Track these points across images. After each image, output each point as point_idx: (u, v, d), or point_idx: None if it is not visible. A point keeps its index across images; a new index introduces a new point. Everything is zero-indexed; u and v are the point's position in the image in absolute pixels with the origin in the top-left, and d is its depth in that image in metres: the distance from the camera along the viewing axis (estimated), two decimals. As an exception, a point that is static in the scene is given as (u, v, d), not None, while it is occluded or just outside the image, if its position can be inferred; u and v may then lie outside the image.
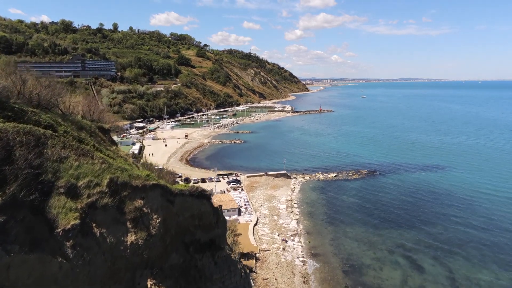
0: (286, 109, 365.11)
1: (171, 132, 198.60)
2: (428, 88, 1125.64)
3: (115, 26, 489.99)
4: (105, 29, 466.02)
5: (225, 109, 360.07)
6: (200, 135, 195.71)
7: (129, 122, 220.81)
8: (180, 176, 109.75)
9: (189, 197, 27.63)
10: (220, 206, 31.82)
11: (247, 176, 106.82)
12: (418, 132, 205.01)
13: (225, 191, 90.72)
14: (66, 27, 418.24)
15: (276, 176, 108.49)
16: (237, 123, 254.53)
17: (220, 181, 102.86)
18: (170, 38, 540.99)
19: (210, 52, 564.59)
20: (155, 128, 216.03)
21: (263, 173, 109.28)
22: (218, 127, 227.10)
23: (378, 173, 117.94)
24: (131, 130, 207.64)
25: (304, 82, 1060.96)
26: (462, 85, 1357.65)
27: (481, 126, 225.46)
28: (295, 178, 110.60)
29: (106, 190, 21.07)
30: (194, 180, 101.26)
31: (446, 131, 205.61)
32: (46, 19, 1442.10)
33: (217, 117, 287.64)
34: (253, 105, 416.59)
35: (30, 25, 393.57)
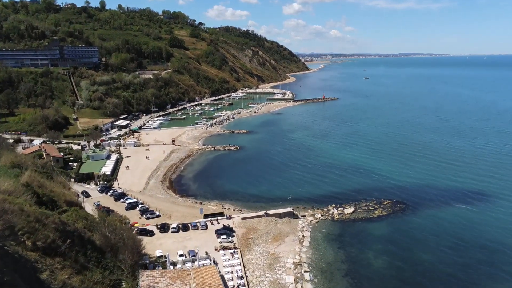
0: (286, 96, 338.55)
1: (156, 135, 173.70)
2: (431, 65, 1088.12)
3: (102, 4, 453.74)
4: (91, 7, 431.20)
5: (221, 96, 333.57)
6: (190, 138, 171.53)
7: (111, 120, 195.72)
8: (158, 216, 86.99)
9: None
10: None
11: (242, 219, 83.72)
12: (433, 132, 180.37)
13: (212, 259, 66.74)
14: (48, 6, 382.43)
15: (279, 215, 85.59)
16: (232, 118, 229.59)
17: (207, 228, 79.60)
18: (162, 17, 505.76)
19: (205, 32, 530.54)
20: (140, 128, 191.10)
21: (263, 212, 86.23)
22: (211, 125, 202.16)
23: (404, 206, 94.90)
24: (112, 130, 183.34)
25: (303, 59, 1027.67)
26: (466, 62, 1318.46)
27: (504, 124, 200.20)
28: (303, 216, 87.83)
29: None
30: (173, 228, 77.91)
31: (464, 132, 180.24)
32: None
33: (212, 109, 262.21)
34: (250, 90, 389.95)
35: (8, 4, 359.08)
